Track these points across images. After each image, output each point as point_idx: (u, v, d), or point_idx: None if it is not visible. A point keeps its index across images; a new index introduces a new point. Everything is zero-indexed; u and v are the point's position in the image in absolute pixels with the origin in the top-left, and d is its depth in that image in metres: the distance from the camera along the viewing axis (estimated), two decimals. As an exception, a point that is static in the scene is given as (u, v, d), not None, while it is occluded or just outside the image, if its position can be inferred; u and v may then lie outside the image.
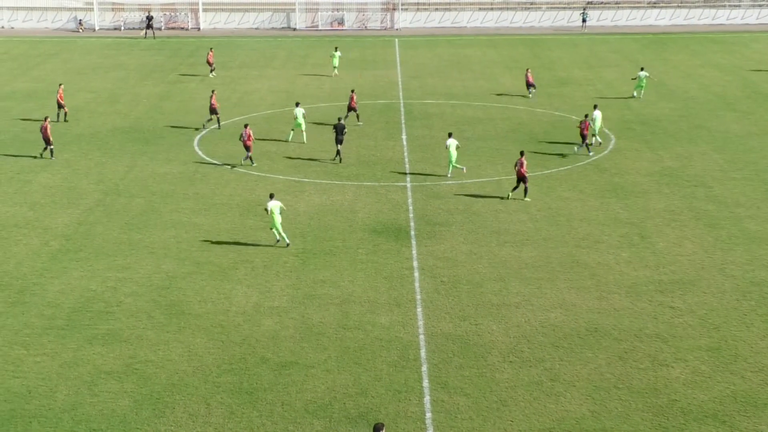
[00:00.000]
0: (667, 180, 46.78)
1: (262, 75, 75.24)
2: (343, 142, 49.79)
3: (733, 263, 36.20)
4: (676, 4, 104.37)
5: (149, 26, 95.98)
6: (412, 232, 39.40)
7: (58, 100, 58.83)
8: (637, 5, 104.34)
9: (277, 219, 37.39)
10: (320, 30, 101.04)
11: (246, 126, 48.78)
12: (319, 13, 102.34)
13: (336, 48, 77.66)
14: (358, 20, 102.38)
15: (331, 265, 35.90)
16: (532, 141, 54.21)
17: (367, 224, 40.39)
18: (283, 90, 69.27)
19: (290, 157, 50.57)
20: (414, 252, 37.24)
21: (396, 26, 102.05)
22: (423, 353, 29.02)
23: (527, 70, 69.55)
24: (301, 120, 53.09)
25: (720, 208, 42.49)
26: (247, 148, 48.53)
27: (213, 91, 58.53)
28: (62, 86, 60.25)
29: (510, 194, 43.64)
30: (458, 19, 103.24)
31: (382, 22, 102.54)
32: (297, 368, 28.10)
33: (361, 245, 37.99)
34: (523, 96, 66.54)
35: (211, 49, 79.14)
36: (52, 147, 50.30)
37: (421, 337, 30.09)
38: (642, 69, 67.16)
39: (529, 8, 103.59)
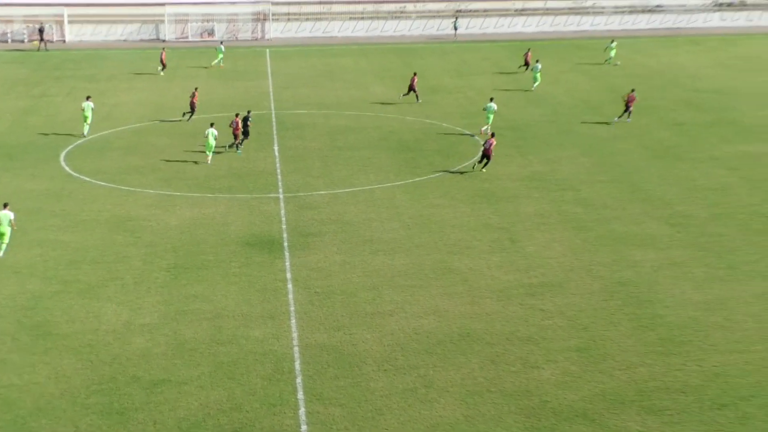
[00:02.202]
0: (536, 184, 47.64)
1: (131, 87, 73.89)
2: (249, 134, 54.41)
3: (600, 264, 37.06)
4: (541, 12, 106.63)
5: (41, 38, 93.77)
6: (285, 244, 39.19)
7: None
8: (504, 13, 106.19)
9: (6, 231, 37.21)
10: (190, 41, 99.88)
11: None
12: (189, 24, 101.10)
13: (221, 42, 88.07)
14: (228, 31, 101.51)
15: (203, 280, 35.43)
16: (402, 149, 54.58)
17: (240, 237, 40.01)
18: (153, 102, 68.13)
19: (160, 170, 49.81)
20: (287, 263, 37.04)
21: (267, 36, 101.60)
22: (297, 365, 28.86)
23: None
24: (88, 113, 56.81)
25: (587, 211, 43.47)
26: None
27: (195, 89, 62.88)
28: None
29: (476, 166, 49.87)
30: (329, 29, 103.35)
31: (252, 33, 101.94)
32: (169, 386, 27.62)
33: (233, 258, 37.60)
34: (393, 104, 67.02)
35: (163, 49, 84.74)
36: None
37: (296, 348, 29.94)
38: (612, 41, 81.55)
39: (399, 17, 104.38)
